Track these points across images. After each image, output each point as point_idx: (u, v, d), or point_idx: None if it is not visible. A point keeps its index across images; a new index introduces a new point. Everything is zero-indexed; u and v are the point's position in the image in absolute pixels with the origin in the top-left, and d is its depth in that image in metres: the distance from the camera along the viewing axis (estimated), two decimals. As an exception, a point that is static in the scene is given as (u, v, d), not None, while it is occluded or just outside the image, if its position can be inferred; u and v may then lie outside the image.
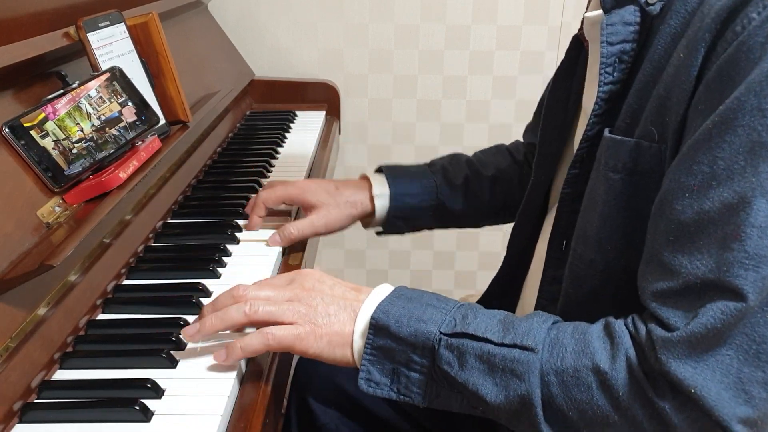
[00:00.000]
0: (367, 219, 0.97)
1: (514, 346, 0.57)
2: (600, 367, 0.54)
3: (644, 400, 0.53)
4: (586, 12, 0.71)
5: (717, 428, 0.51)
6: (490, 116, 1.71)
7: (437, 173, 0.97)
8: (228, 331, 0.67)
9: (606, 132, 0.62)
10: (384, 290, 0.65)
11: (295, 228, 0.90)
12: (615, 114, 0.63)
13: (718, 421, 0.50)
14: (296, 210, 1.01)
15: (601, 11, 0.64)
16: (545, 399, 0.56)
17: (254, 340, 0.62)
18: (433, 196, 0.96)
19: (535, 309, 0.77)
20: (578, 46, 0.76)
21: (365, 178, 0.97)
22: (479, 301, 0.96)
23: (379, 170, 0.99)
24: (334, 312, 0.63)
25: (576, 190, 0.69)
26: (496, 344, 0.57)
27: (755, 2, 0.49)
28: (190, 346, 0.68)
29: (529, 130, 1.03)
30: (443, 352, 0.59)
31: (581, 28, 0.74)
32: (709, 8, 0.53)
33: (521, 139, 1.05)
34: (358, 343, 0.62)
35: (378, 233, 1.00)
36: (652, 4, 0.59)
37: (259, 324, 0.64)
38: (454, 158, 1.00)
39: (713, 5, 0.52)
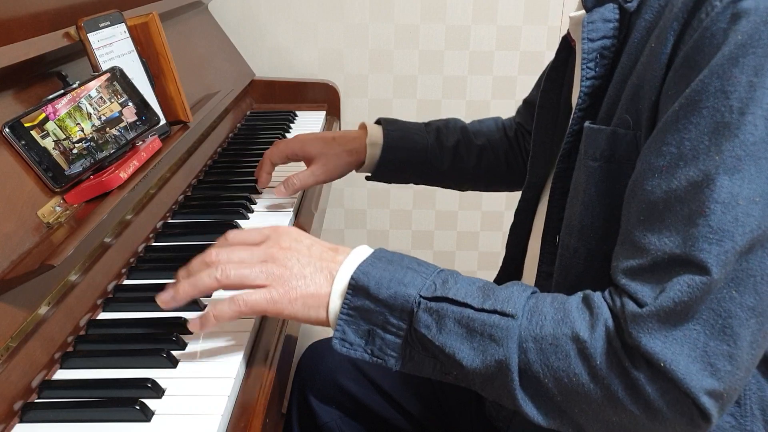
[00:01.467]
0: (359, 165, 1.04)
1: (494, 311, 0.57)
2: (579, 336, 0.55)
3: (621, 369, 0.54)
4: (570, 12, 0.74)
5: (686, 399, 0.52)
6: (490, 116, 1.71)
7: (431, 133, 1.02)
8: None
9: (587, 123, 0.64)
10: (363, 252, 0.64)
11: (298, 179, 0.98)
12: (598, 108, 0.65)
13: (687, 393, 0.52)
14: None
15: (584, 11, 0.66)
16: (522, 365, 0.57)
17: (225, 307, 0.62)
18: (422, 153, 1.01)
19: None
20: (568, 47, 0.77)
21: (363, 128, 1.03)
22: None
23: (378, 122, 1.04)
24: (309, 274, 0.63)
25: (565, 184, 0.70)
26: (475, 309, 0.58)
27: None
28: (189, 347, 0.68)
29: (520, 111, 1.07)
30: (422, 315, 0.59)
31: (568, 29, 0.76)
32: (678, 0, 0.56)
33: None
34: (335, 302, 0.62)
35: (367, 178, 1.06)
36: (630, 1, 0.62)
37: (232, 288, 0.63)
38: (451, 122, 1.05)
39: None
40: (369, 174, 1.05)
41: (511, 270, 0.89)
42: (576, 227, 0.65)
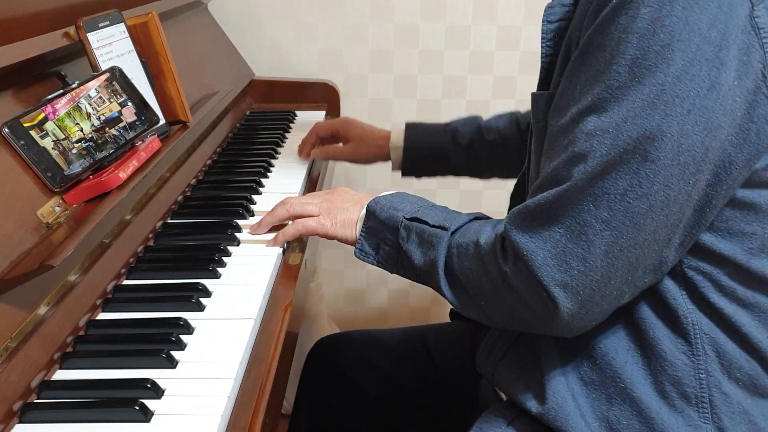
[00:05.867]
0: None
1: (439, 227, 0.75)
2: (479, 241, 0.70)
3: (497, 264, 0.67)
4: None
5: (540, 288, 0.64)
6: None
7: (448, 132, 1.15)
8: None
9: (532, 92, 0.73)
10: (390, 191, 0.84)
11: (332, 150, 1.24)
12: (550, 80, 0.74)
13: (540, 281, 0.63)
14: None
15: None
16: (447, 265, 0.73)
17: (290, 228, 0.87)
18: (440, 152, 1.15)
19: None
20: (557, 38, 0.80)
21: (389, 131, 1.19)
22: None
23: (409, 125, 1.18)
24: (348, 207, 0.85)
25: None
26: (429, 225, 0.75)
27: None
28: (189, 348, 0.68)
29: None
30: (402, 230, 0.77)
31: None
32: None
33: None
34: (359, 225, 0.82)
35: (402, 174, 1.21)
36: None
37: (296, 217, 0.87)
38: (469, 120, 1.16)
39: None
40: (399, 170, 1.20)
41: None
42: (533, 184, 0.71)
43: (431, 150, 1.15)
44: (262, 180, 1.12)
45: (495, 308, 0.71)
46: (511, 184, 0.92)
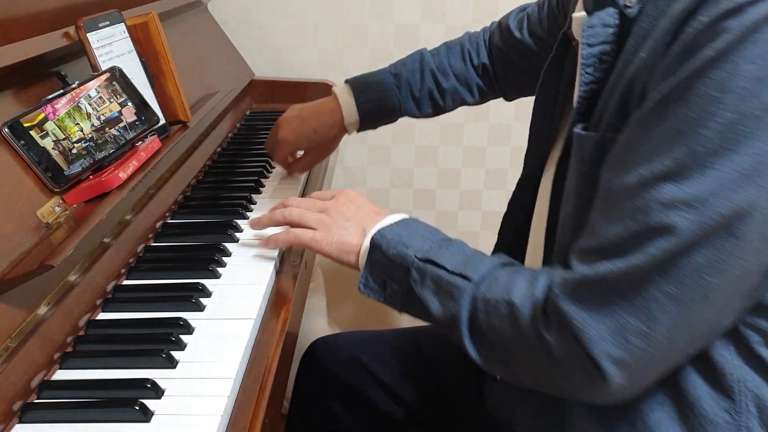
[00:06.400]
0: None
1: (460, 274, 0.67)
2: (513, 301, 0.62)
3: (536, 332, 0.61)
4: (572, 11, 0.73)
5: (590, 363, 0.57)
6: (490, 116, 1.71)
7: (403, 89, 1.09)
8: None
9: (577, 128, 0.65)
10: (395, 217, 0.78)
11: (300, 167, 1.16)
12: (593, 112, 0.66)
13: (591, 356, 0.57)
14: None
15: (584, 12, 0.66)
16: (472, 321, 0.66)
17: (282, 236, 0.83)
18: (397, 114, 1.11)
19: None
20: (566, 43, 0.77)
21: (336, 102, 1.10)
22: None
23: (349, 83, 1.10)
24: (349, 227, 0.79)
25: (562, 186, 0.72)
26: (448, 271, 0.68)
27: (706, 6, 0.52)
28: (189, 348, 0.68)
29: (501, 26, 1.14)
30: (413, 272, 0.70)
31: (569, 27, 0.76)
32: (671, 10, 0.56)
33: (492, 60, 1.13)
34: (364, 255, 0.76)
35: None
36: (630, 7, 0.61)
37: (293, 225, 0.83)
38: (419, 67, 1.10)
39: (673, 8, 0.56)
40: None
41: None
42: (570, 228, 0.67)
43: (388, 110, 1.10)
44: (262, 180, 1.12)
45: (528, 373, 0.65)
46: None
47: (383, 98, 1.09)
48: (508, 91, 1.14)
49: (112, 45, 0.89)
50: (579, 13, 0.69)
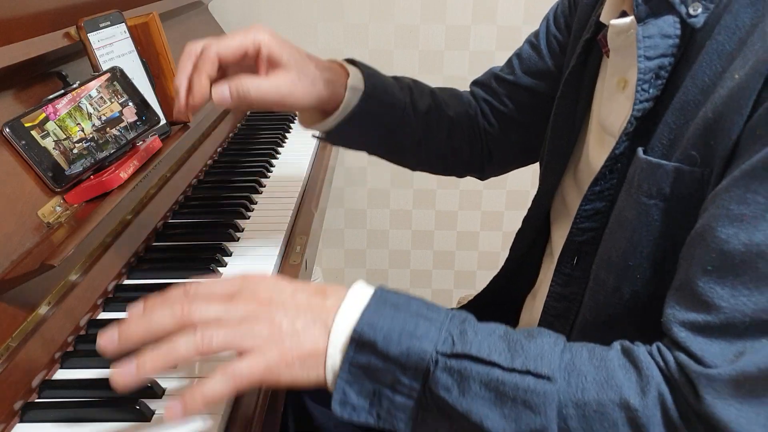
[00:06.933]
0: (312, 116, 0.80)
1: (527, 372, 0.49)
2: (630, 403, 0.48)
3: None
4: (602, 17, 0.67)
5: None
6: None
7: (405, 90, 0.85)
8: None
9: (640, 152, 0.57)
10: (360, 294, 0.54)
11: (254, 86, 0.68)
12: (646, 132, 0.59)
13: None
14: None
15: (630, 19, 0.60)
16: None
17: (217, 384, 0.50)
18: (399, 113, 0.83)
19: (540, 325, 0.74)
20: (587, 52, 0.72)
21: (340, 65, 0.81)
22: (475, 299, 0.96)
23: (352, 62, 0.83)
24: (302, 327, 0.52)
25: (595, 207, 0.65)
26: (504, 369, 0.50)
27: None
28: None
29: (484, 85, 0.93)
30: (440, 375, 0.50)
31: (595, 34, 0.70)
32: (765, 27, 0.49)
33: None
34: (335, 359, 0.52)
35: (317, 137, 0.83)
36: (695, 16, 0.55)
37: (205, 354, 0.51)
38: (419, 83, 0.89)
39: None
40: (322, 133, 0.81)
41: (512, 275, 0.88)
42: (618, 265, 0.59)
43: (390, 106, 0.82)
44: (263, 180, 1.13)
45: None
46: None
47: (389, 85, 0.84)
48: (497, 156, 0.93)
49: (112, 45, 0.89)
50: (621, 20, 0.62)
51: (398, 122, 0.83)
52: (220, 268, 0.83)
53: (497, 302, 0.92)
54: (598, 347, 0.53)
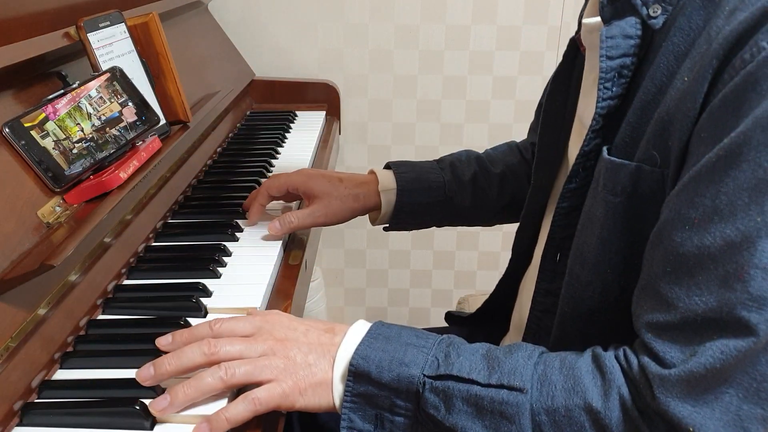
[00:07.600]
0: (374, 214, 0.96)
1: (501, 386, 0.55)
2: (592, 406, 0.53)
3: None
4: (582, 16, 0.69)
5: None
6: (490, 116, 1.71)
7: (446, 169, 0.96)
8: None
9: (604, 152, 0.60)
10: (359, 330, 0.62)
11: (295, 217, 0.89)
12: (612, 129, 0.61)
13: None
14: (299, 205, 1.01)
15: (598, 19, 0.61)
16: None
17: (240, 408, 0.58)
18: (441, 191, 0.94)
19: (528, 320, 0.76)
20: (575, 49, 0.74)
21: (372, 173, 0.96)
22: (487, 303, 0.97)
23: (388, 167, 0.97)
24: (314, 361, 0.60)
25: (572, 204, 0.67)
26: (482, 385, 0.56)
27: (766, 29, 0.46)
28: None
29: (532, 129, 1.01)
30: (428, 395, 0.57)
31: (578, 32, 0.72)
32: (717, 31, 0.50)
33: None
34: (338, 388, 0.60)
35: (385, 229, 0.99)
36: (654, 18, 0.57)
37: (234, 387, 0.60)
38: (464, 155, 0.99)
39: (722, 28, 0.50)
40: (386, 224, 0.97)
41: (515, 274, 0.88)
42: (590, 261, 0.62)
43: (429, 189, 0.94)
44: (263, 180, 1.12)
45: None
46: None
47: (423, 171, 0.95)
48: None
49: (112, 45, 0.89)
50: (592, 20, 0.64)
51: (444, 198, 0.94)
52: (220, 268, 0.83)
53: (505, 305, 0.92)
54: (571, 355, 0.57)
